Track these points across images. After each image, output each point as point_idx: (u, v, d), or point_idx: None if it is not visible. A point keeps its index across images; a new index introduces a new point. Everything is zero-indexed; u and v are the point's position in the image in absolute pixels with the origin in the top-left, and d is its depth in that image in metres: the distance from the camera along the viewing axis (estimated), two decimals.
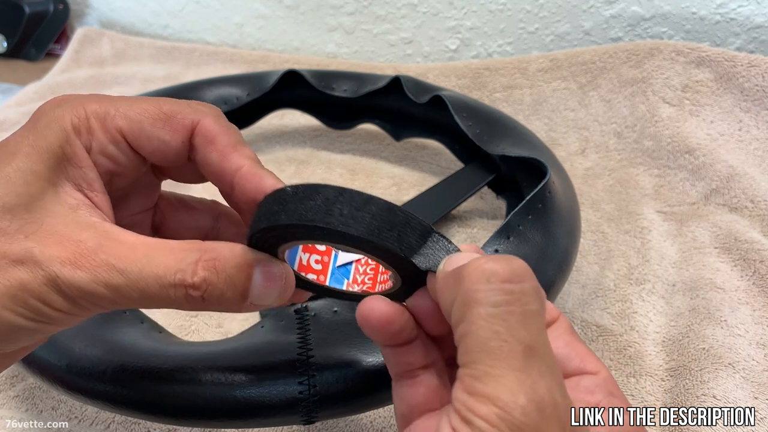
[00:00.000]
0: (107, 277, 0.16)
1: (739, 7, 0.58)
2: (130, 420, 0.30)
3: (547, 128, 0.58)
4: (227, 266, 0.17)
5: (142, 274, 0.17)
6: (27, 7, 0.78)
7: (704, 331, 0.34)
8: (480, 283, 0.15)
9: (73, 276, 0.16)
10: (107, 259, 0.17)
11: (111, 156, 0.19)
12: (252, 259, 0.18)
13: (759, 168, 0.49)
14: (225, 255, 0.18)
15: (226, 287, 0.17)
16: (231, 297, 0.18)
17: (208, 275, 0.17)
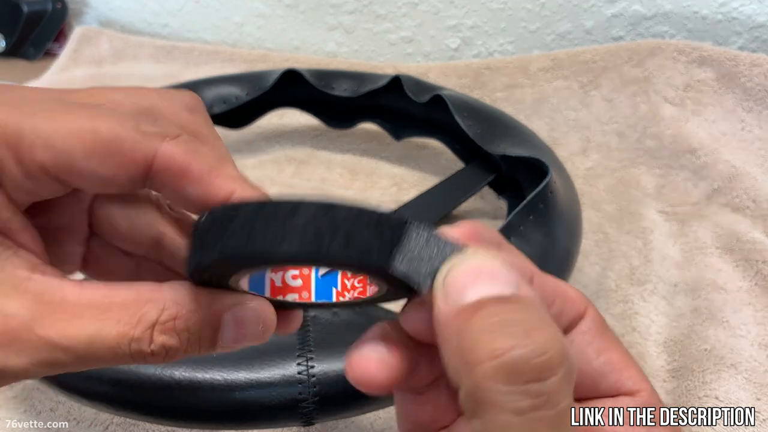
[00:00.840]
0: (50, 357, 0.14)
1: (741, 6, 0.57)
2: (128, 421, 0.30)
3: (548, 128, 0.58)
4: (190, 323, 0.14)
5: (91, 348, 0.14)
6: (25, 6, 0.78)
7: (706, 331, 0.34)
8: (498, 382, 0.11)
9: (6, 363, 0.13)
10: (46, 336, 0.13)
11: (30, 191, 0.15)
12: (220, 307, 0.15)
13: (761, 168, 0.49)
14: (186, 309, 0.14)
15: (190, 346, 0.15)
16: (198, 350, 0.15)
17: (167, 340, 0.14)
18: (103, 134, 0.14)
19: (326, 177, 0.52)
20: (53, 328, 0.14)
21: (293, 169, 0.53)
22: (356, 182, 0.51)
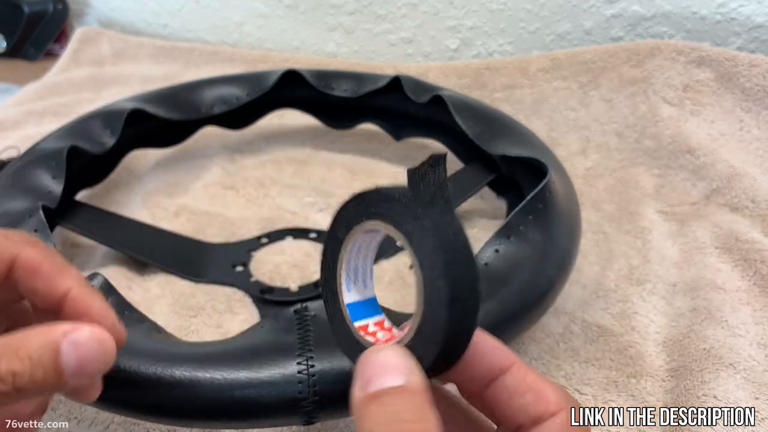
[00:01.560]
0: None
1: (739, 6, 0.58)
2: (129, 420, 0.30)
3: (547, 128, 0.58)
4: (32, 350, 0.16)
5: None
6: (26, 7, 0.78)
7: (705, 331, 0.34)
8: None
9: None
10: None
11: None
12: (56, 333, 0.17)
13: (760, 168, 0.49)
14: (29, 340, 0.17)
15: (34, 371, 0.16)
16: (44, 378, 0.16)
17: (10, 365, 0.16)
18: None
19: (326, 177, 0.52)
20: None
21: (293, 169, 0.53)
22: (356, 182, 0.51)
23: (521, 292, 0.28)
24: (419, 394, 0.15)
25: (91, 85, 0.71)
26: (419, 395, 0.15)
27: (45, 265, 0.19)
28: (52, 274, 0.19)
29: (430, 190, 0.16)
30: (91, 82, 0.71)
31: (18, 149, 0.52)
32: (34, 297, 0.19)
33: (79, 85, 0.70)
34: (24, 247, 0.19)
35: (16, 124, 0.61)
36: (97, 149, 0.42)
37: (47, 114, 0.63)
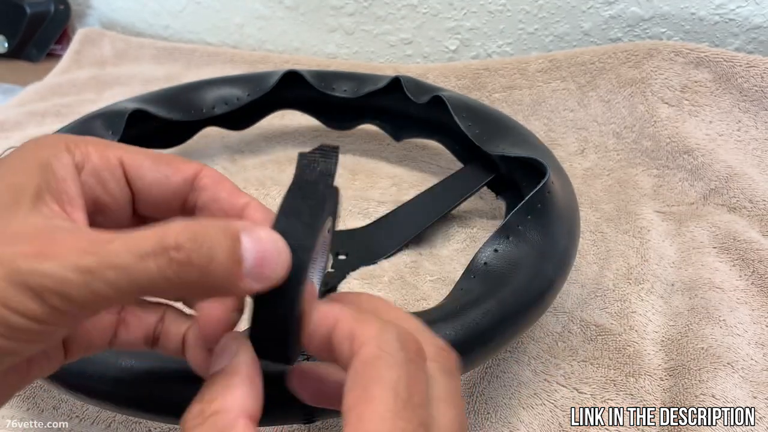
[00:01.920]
0: (77, 260, 0.14)
1: (737, 7, 0.58)
2: (130, 419, 0.30)
3: (546, 128, 0.58)
4: (209, 227, 0.15)
5: (116, 250, 0.14)
6: (28, 8, 0.78)
7: (703, 330, 0.34)
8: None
9: (39, 266, 0.14)
10: (76, 244, 0.15)
11: (103, 181, 0.19)
12: (235, 224, 0.16)
13: (757, 168, 0.49)
14: (205, 221, 0.16)
15: (214, 244, 0.15)
16: (222, 260, 0.15)
17: (191, 234, 0.15)
18: (166, 156, 0.20)
19: None
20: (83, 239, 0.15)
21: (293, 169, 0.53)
22: (356, 182, 0.51)
23: (520, 291, 0.28)
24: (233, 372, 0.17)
25: (92, 86, 0.71)
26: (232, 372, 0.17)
27: (227, 182, 0.20)
28: (234, 189, 0.20)
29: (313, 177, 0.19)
30: (92, 83, 0.71)
31: None
32: (214, 205, 0.20)
33: (80, 86, 0.71)
34: (205, 166, 0.21)
35: (18, 125, 0.61)
36: None
37: (49, 115, 0.63)
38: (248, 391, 0.16)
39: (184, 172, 0.20)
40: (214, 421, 0.15)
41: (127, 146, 0.20)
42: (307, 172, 0.19)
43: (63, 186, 0.17)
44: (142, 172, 0.19)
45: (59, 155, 0.18)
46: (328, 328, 0.17)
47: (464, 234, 0.44)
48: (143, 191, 0.20)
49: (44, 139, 0.19)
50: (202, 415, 0.15)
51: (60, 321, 0.15)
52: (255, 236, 0.16)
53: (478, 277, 0.29)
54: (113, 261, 0.14)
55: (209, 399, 0.16)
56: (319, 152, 0.20)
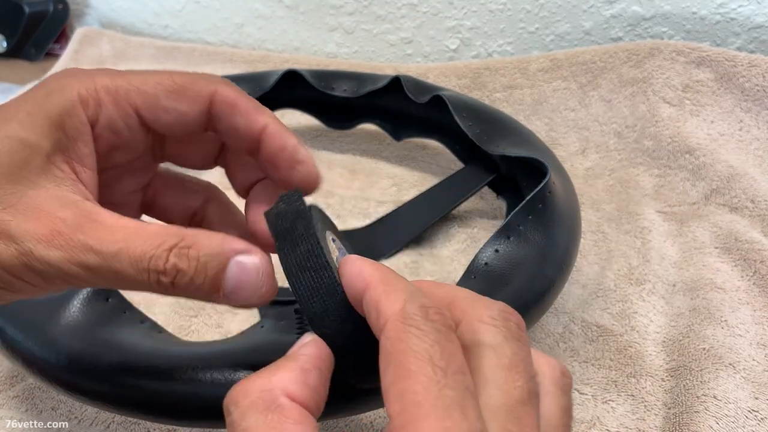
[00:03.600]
0: (83, 258, 0.16)
1: (739, 6, 0.58)
2: (129, 420, 0.30)
3: (547, 128, 0.58)
4: (201, 254, 0.17)
5: (118, 256, 0.16)
6: (27, 7, 0.78)
7: (705, 331, 0.34)
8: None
9: (48, 254, 0.16)
10: (84, 240, 0.16)
11: (118, 130, 0.19)
12: (229, 248, 0.18)
13: (759, 168, 0.49)
14: (201, 242, 0.17)
15: (197, 274, 0.17)
16: (202, 285, 0.17)
17: (179, 262, 0.17)
18: (178, 81, 0.19)
19: (326, 177, 0.52)
20: (91, 235, 0.17)
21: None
22: (356, 182, 0.51)
23: (521, 291, 0.28)
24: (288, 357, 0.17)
25: None
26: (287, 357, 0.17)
27: (242, 101, 0.19)
28: (250, 110, 0.19)
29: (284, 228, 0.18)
30: None
31: None
32: (234, 133, 0.20)
33: None
34: (220, 85, 0.20)
35: None
36: None
37: None
38: (297, 378, 0.16)
39: (198, 102, 0.19)
40: (257, 398, 0.15)
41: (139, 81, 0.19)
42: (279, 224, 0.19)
43: (74, 147, 0.18)
44: (158, 114, 0.19)
45: (72, 111, 0.18)
46: (359, 291, 0.17)
47: (465, 234, 0.44)
48: (165, 129, 0.20)
49: (57, 82, 0.18)
50: (244, 392, 0.15)
51: (52, 288, 0.17)
52: (241, 264, 0.18)
53: (478, 277, 0.29)
54: (113, 266, 0.17)
55: (254, 378, 0.16)
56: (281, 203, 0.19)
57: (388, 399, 0.14)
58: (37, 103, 0.18)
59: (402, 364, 0.14)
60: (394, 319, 0.15)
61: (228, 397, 0.15)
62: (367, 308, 0.16)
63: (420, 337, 0.14)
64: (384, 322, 0.15)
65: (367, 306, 0.16)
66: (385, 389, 0.14)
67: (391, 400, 0.14)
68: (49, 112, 0.17)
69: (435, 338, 0.15)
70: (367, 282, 0.16)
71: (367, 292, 0.16)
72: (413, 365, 0.14)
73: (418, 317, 0.15)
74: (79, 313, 0.26)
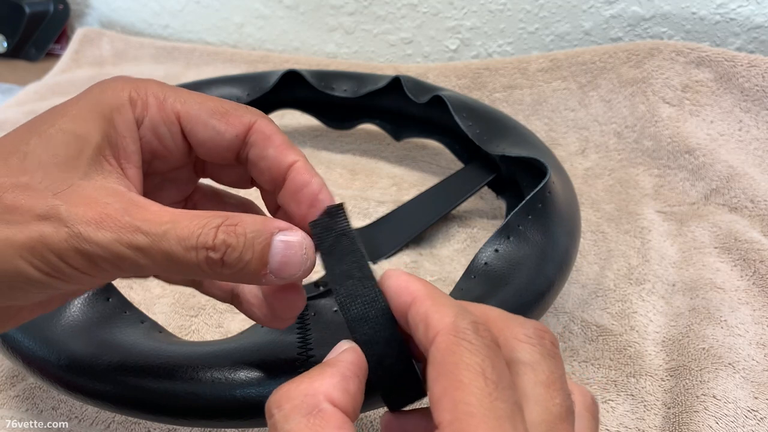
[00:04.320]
0: (131, 238, 0.17)
1: (739, 7, 0.58)
2: (130, 420, 0.30)
3: (547, 128, 0.58)
4: (247, 230, 0.18)
5: (166, 236, 0.17)
6: (27, 8, 0.78)
7: (704, 330, 0.34)
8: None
9: (97, 235, 0.17)
10: (132, 221, 0.17)
11: (160, 136, 0.20)
12: (272, 226, 0.18)
13: (759, 168, 0.49)
14: (246, 221, 0.18)
15: (245, 250, 0.18)
16: (250, 261, 0.18)
17: (227, 237, 0.17)
18: (225, 105, 0.20)
19: (326, 177, 0.52)
20: (138, 218, 0.17)
21: None
22: (356, 182, 0.51)
23: (520, 291, 0.28)
24: (329, 363, 0.17)
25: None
26: (328, 363, 0.17)
27: (277, 136, 0.21)
28: (283, 145, 0.21)
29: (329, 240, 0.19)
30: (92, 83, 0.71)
31: None
32: (262, 162, 0.21)
33: (80, 86, 0.70)
34: (261, 118, 0.21)
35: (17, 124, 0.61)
36: None
37: None
38: (338, 384, 0.16)
39: (236, 127, 0.20)
40: (300, 402, 0.15)
41: (186, 95, 0.20)
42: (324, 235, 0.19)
43: (123, 142, 0.19)
44: (197, 128, 0.20)
45: (122, 108, 0.19)
46: (405, 304, 0.17)
47: (464, 234, 0.44)
48: (198, 145, 0.21)
49: (110, 83, 0.20)
50: (287, 396, 0.16)
51: (101, 275, 0.17)
52: (285, 240, 0.18)
53: (478, 277, 0.29)
54: (162, 246, 0.17)
55: (297, 383, 0.16)
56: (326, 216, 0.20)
57: (438, 407, 0.15)
58: (88, 100, 0.19)
59: (454, 375, 0.15)
60: (445, 332, 0.15)
61: (271, 400, 0.16)
62: (413, 321, 0.17)
63: (472, 351, 0.15)
64: (434, 335, 0.16)
65: (413, 318, 0.17)
66: (436, 398, 0.15)
67: (441, 408, 0.14)
68: (101, 109, 0.19)
69: (486, 353, 0.15)
70: (414, 296, 0.17)
71: (414, 305, 0.17)
72: (465, 377, 0.14)
73: (470, 332, 0.15)
74: (79, 313, 0.26)
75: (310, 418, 0.15)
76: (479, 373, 0.15)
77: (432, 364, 0.15)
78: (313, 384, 0.16)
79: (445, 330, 0.16)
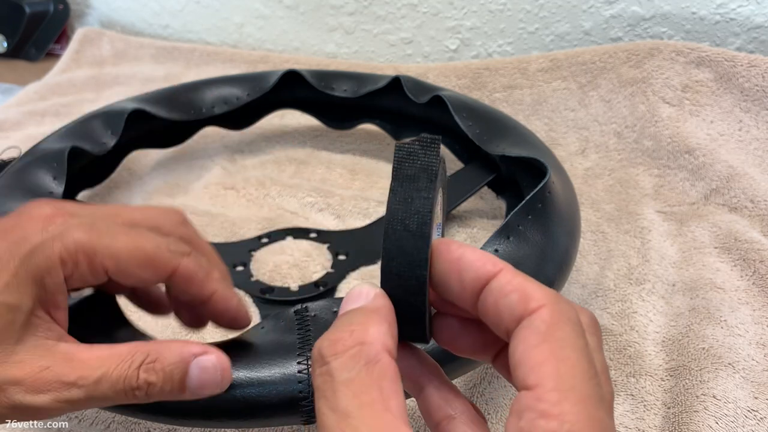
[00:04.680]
0: (67, 395, 0.19)
1: (738, 7, 0.58)
2: (130, 420, 0.30)
3: (547, 128, 0.58)
4: (165, 365, 0.20)
5: (97, 386, 0.20)
6: (27, 8, 0.78)
7: (704, 330, 0.34)
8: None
9: (35, 400, 0.19)
10: (68, 380, 0.19)
11: (88, 283, 0.22)
12: (189, 354, 0.21)
13: (759, 168, 0.49)
14: (164, 355, 0.20)
15: (165, 383, 0.20)
16: (170, 390, 0.21)
17: (148, 376, 0.20)
18: (150, 251, 0.22)
19: (326, 177, 0.52)
20: (73, 374, 0.20)
21: (293, 169, 0.53)
22: (356, 182, 0.51)
23: None
24: (372, 310, 0.17)
25: (92, 86, 0.71)
26: (371, 310, 0.17)
27: (198, 274, 0.23)
28: (202, 282, 0.23)
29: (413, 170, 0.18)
30: (92, 83, 0.71)
31: (19, 149, 0.52)
32: (184, 296, 0.23)
33: (80, 86, 0.70)
34: (182, 259, 0.23)
35: (17, 125, 0.61)
36: (98, 150, 0.42)
37: (48, 114, 0.63)
38: (387, 330, 0.16)
39: (161, 274, 0.22)
40: (358, 351, 0.15)
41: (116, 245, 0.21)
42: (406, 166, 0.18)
43: (53, 299, 0.21)
44: (122, 278, 0.22)
45: (52, 271, 0.21)
46: (487, 273, 0.17)
47: (464, 234, 0.44)
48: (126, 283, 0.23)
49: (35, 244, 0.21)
50: (343, 343, 0.16)
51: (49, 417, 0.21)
52: (202, 367, 0.21)
53: None
54: (95, 395, 0.20)
55: (349, 330, 0.16)
56: (417, 144, 0.18)
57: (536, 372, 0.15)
58: (22, 264, 0.20)
59: (561, 349, 0.15)
60: (552, 307, 0.16)
61: (323, 346, 0.16)
62: (502, 288, 0.17)
63: (578, 334, 0.16)
64: (538, 306, 0.16)
65: (503, 287, 0.17)
66: (536, 362, 0.15)
67: (542, 374, 0.15)
68: (33, 274, 0.20)
69: (586, 341, 0.16)
70: (500, 267, 0.17)
71: (503, 275, 0.17)
72: (573, 355, 0.15)
73: (574, 316, 0.16)
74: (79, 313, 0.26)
75: (371, 367, 0.15)
76: (585, 356, 0.15)
77: (532, 331, 0.16)
78: (368, 331, 0.16)
79: (551, 306, 0.16)
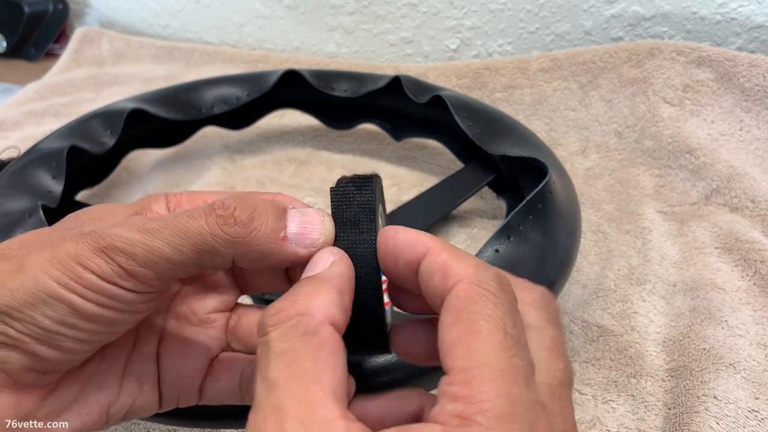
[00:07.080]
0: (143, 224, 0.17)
1: (739, 6, 0.58)
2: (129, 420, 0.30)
3: (547, 128, 0.58)
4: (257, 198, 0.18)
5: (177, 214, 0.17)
6: (26, 7, 0.78)
7: (705, 331, 0.34)
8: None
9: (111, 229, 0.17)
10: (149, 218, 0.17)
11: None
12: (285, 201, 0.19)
13: (760, 168, 0.49)
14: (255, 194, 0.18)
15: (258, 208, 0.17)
16: (266, 220, 0.17)
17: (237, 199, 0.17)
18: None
19: (326, 177, 0.52)
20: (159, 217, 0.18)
21: (293, 169, 0.53)
22: None
23: None
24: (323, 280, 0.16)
25: (91, 86, 0.71)
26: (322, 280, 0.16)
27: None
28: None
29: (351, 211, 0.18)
30: (91, 83, 0.71)
31: (18, 149, 0.52)
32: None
33: (79, 86, 0.70)
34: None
35: (17, 124, 0.61)
36: (98, 149, 0.42)
37: (47, 114, 0.63)
38: (335, 300, 0.16)
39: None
40: (297, 321, 0.15)
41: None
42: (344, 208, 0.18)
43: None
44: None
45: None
46: (417, 255, 0.17)
47: (465, 234, 0.44)
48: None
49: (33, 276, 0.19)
50: (284, 314, 0.15)
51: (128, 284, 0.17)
52: (301, 209, 0.18)
53: None
54: (172, 223, 0.17)
55: (292, 300, 0.16)
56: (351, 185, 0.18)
57: (450, 353, 0.14)
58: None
59: (473, 324, 0.14)
60: (468, 281, 0.15)
61: (266, 316, 0.15)
62: (427, 270, 0.16)
63: (495, 303, 0.15)
64: (454, 282, 0.15)
65: (428, 267, 0.16)
66: (449, 344, 0.14)
67: (454, 355, 0.14)
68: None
69: (509, 308, 0.15)
70: (428, 246, 0.16)
71: (430, 255, 0.16)
72: (485, 328, 0.14)
73: (494, 285, 0.15)
74: None
75: (308, 338, 0.15)
76: (500, 326, 0.14)
77: (448, 311, 0.15)
78: (311, 302, 0.15)
79: (467, 279, 0.15)
